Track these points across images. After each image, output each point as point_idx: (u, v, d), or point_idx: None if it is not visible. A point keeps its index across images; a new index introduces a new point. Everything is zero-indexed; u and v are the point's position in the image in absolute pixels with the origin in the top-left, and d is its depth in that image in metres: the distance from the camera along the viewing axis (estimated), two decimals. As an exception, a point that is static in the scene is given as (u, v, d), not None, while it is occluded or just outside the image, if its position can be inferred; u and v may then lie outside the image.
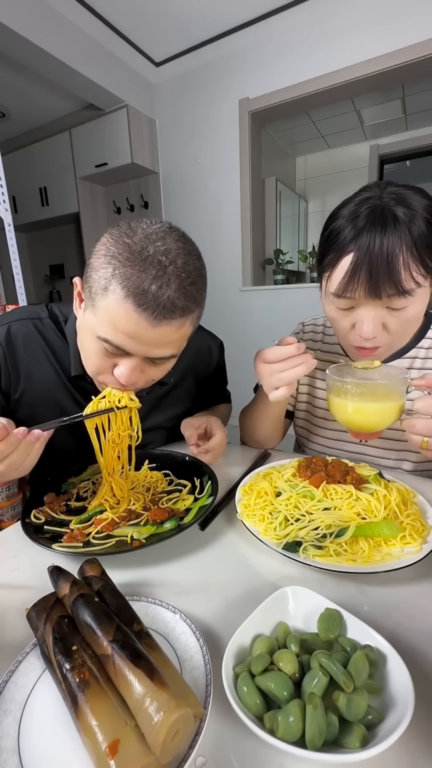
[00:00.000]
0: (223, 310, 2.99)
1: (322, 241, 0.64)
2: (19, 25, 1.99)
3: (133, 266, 0.50)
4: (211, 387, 0.95)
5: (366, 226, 0.56)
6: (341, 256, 0.59)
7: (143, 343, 0.54)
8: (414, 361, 0.73)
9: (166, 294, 0.51)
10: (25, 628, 0.38)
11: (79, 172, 3.13)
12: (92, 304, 0.54)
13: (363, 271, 0.56)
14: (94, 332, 0.55)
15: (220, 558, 0.52)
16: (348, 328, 0.64)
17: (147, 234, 0.52)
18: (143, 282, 0.50)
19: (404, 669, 0.31)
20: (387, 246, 0.55)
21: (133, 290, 0.50)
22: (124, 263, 0.50)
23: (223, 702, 0.31)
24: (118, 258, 0.51)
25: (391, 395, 0.54)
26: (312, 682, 0.30)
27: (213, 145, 2.79)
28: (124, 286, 0.50)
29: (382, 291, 0.56)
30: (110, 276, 0.51)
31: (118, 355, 0.56)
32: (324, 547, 0.48)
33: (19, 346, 0.71)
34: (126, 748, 0.26)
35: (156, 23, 2.37)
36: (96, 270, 0.53)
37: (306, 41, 2.32)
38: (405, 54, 2.09)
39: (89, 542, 0.53)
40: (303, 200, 3.87)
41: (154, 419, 0.84)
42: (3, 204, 1.80)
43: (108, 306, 0.52)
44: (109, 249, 0.52)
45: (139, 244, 0.51)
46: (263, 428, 0.84)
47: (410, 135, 3.41)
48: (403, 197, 0.57)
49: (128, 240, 0.52)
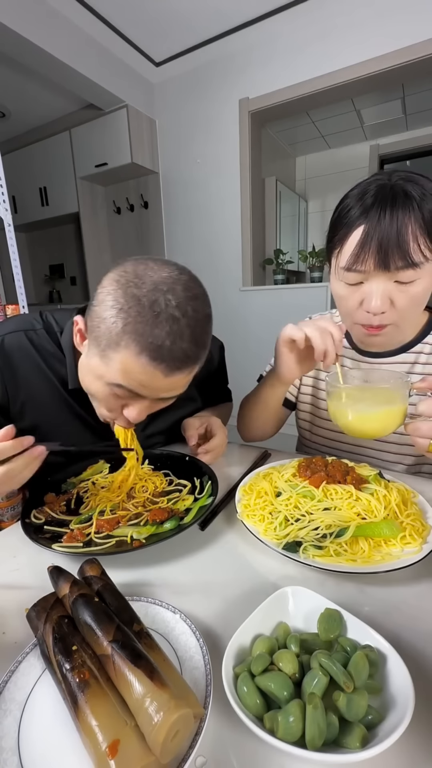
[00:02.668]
0: (224, 310, 2.99)
1: (332, 222, 0.65)
2: (19, 25, 1.99)
3: (146, 323, 0.49)
4: (212, 387, 0.95)
5: (376, 201, 0.58)
6: (351, 230, 0.60)
7: (155, 390, 0.55)
8: (419, 356, 0.73)
9: (180, 347, 0.51)
10: (25, 628, 0.38)
11: (79, 172, 3.13)
12: (101, 353, 0.54)
13: (373, 243, 0.57)
14: (103, 379, 0.55)
15: (220, 558, 0.52)
16: (356, 305, 0.64)
17: (156, 284, 0.51)
18: (157, 339, 0.49)
19: (404, 669, 0.31)
20: (397, 218, 0.56)
21: (148, 347, 0.50)
22: (136, 318, 0.49)
23: (223, 702, 0.31)
24: (128, 312, 0.50)
25: (393, 400, 0.54)
26: (312, 682, 0.30)
27: (213, 145, 2.79)
28: (137, 342, 0.50)
29: (391, 262, 0.57)
30: (121, 331, 0.50)
31: (128, 398, 0.57)
32: (324, 547, 0.48)
33: (14, 359, 0.70)
34: (126, 748, 0.26)
35: (156, 23, 2.37)
36: (104, 321, 0.52)
37: (306, 41, 2.32)
38: (405, 54, 2.09)
39: (89, 542, 0.53)
40: (303, 200, 3.87)
41: (156, 426, 0.84)
42: (3, 204, 1.80)
43: (121, 359, 0.52)
44: (117, 301, 0.51)
45: (148, 296, 0.50)
46: (261, 416, 0.84)
47: (410, 135, 3.41)
48: (412, 177, 0.59)
49: (136, 291, 0.50)
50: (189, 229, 3.04)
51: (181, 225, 3.06)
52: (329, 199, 3.84)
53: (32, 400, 0.71)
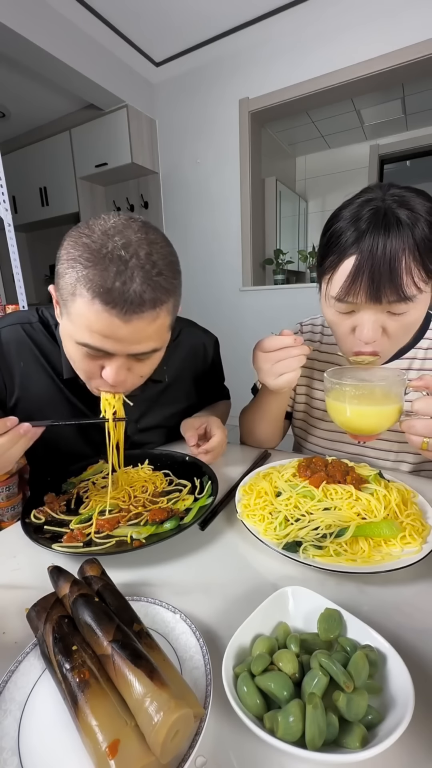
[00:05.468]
0: (224, 310, 3.00)
1: (323, 243, 0.64)
2: (19, 25, 1.99)
3: (95, 266, 0.49)
4: (208, 384, 0.95)
5: (368, 228, 0.56)
6: (343, 258, 0.58)
7: (120, 340, 0.53)
8: (413, 362, 0.73)
9: (132, 288, 0.50)
10: (25, 628, 0.38)
11: (79, 172, 3.13)
12: (66, 311, 0.54)
13: (365, 276, 0.56)
14: (73, 338, 0.55)
15: (220, 558, 0.52)
16: (347, 331, 0.64)
17: (105, 230, 0.51)
18: (106, 280, 0.49)
19: (404, 669, 0.31)
20: (390, 250, 0.54)
21: (98, 290, 0.49)
22: (86, 264, 0.50)
23: (223, 702, 0.31)
24: (79, 260, 0.50)
25: (390, 397, 0.54)
26: (312, 682, 0.30)
27: (213, 145, 2.79)
28: (89, 288, 0.49)
29: (383, 296, 0.56)
30: (75, 280, 0.50)
31: (101, 356, 0.56)
32: (324, 547, 0.48)
33: (11, 352, 0.70)
34: (126, 748, 0.26)
35: (156, 23, 2.37)
36: (62, 276, 0.53)
37: (306, 41, 2.32)
38: (405, 54, 2.09)
39: (89, 542, 0.53)
40: (303, 200, 3.87)
41: (151, 418, 0.84)
42: (3, 204, 1.80)
43: (79, 310, 0.51)
44: (69, 252, 0.51)
45: (97, 242, 0.50)
46: (263, 429, 0.84)
47: (410, 135, 3.41)
48: (405, 199, 0.56)
49: (86, 240, 0.51)
50: (189, 229, 3.04)
51: (181, 225, 3.06)
52: (329, 199, 3.84)
53: (28, 391, 0.72)
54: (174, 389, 0.86)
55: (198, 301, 3.07)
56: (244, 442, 0.91)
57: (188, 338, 0.89)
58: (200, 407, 0.95)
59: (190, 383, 0.90)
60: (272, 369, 0.63)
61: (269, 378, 0.64)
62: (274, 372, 0.63)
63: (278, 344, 0.62)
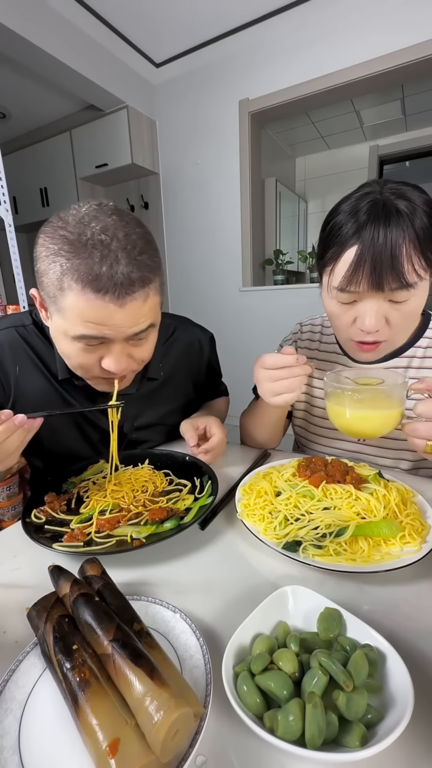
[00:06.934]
0: (223, 311, 2.99)
1: (323, 237, 0.64)
2: (19, 26, 2.00)
3: (78, 255, 0.49)
4: (205, 380, 0.95)
5: (369, 219, 0.56)
6: (344, 249, 0.59)
7: (117, 325, 0.54)
8: (411, 360, 0.73)
9: (119, 270, 0.50)
10: (26, 628, 0.38)
11: (79, 173, 3.13)
12: (56, 308, 0.54)
13: (366, 264, 0.56)
14: (67, 334, 0.55)
15: (220, 558, 0.52)
16: (349, 322, 0.64)
17: (79, 219, 0.52)
18: (93, 267, 0.49)
19: (404, 668, 0.31)
20: (391, 238, 0.55)
21: (87, 279, 0.49)
22: (68, 256, 0.50)
23: (223, 701, 0.31)
24: (60, 253, 0.50)
25: (391, 401, 0.54)
26: (312, 681, 0.30)
27: (213, 146, 2.79)
28: (76, 278, 0.49)
29: (385, 283, 0.57)
30: (60, 274, 0.50)
31: (98, 347, 0.56)
32: (324, 547, 0.48)
33: (6, 355, 0.70)
34: (126, 747, 0.26)
35: (156, 24, 2.37)
36: (45, 274, 0.52)
37: (306, 42, 2.32)
38: (404, 55, 2.09)
39: (90, 542, 0.53)
40: (303, 201, 3.87)
41: (148, 416, 0.84)
42: (3, 204, 1.80)
43: (70, 303, 0.51)
44: (48, 248, 0.51)
45: (75, 231, 0.50)
46: (264, 432, 0.84)
47: (410, 136, 3.41)
48: (402, 192, 0.58)
49: (63, 232, 0.51)
50: (189, 230, 3.04)
51: (181, 225, 3.06)
52: (329, 200, 3.84)
53: (24, 393, 0.72)
54: (170, 386, 0.86)
55: (198, 301, 3.07)
56: (244, 443, 0.91)
57: (183, 335, 0.89)
58: (198, 404, 0.95)
59: (187, 380, 0.90)
60: (272, 387, 0.61)
61: (269, 395, 0.62)
62: (273, 390, 0.61)
63: (280, 363, 0.60)
